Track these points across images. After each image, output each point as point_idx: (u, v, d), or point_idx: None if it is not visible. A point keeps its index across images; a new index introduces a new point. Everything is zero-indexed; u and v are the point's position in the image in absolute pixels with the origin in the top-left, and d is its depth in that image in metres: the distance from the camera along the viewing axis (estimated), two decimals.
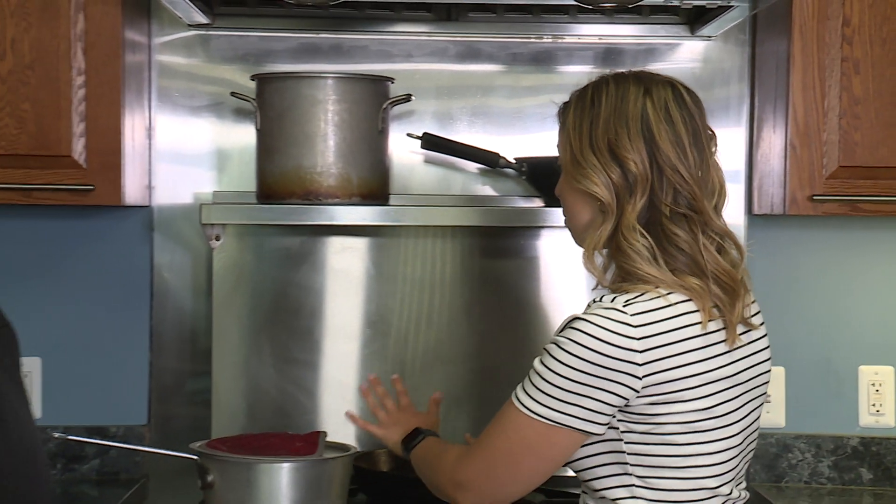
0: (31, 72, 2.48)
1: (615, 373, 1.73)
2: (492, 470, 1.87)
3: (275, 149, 2.57)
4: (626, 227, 1.78)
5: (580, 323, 1.75)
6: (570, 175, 1.86)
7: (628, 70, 1.90)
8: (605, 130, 1.80)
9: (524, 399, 1.79)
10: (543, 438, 1.79)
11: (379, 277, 2.81)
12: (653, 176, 1.79)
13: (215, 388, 2.77)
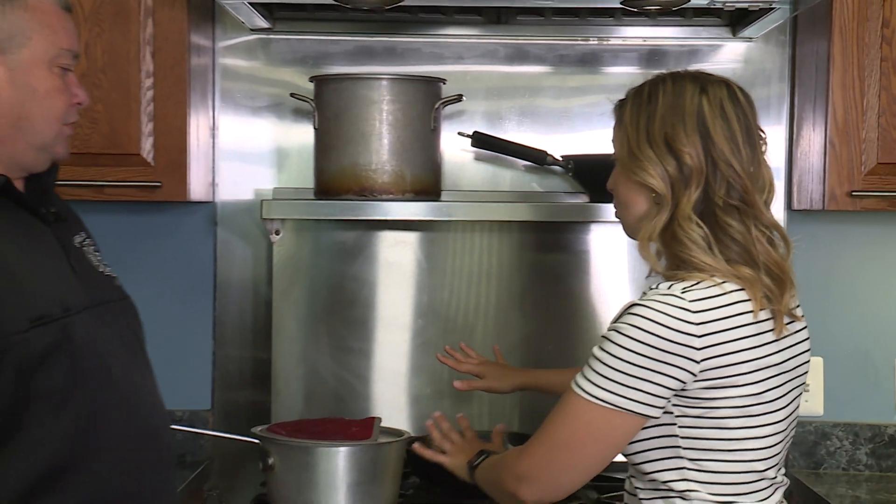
0: (104, 75, 2.51)
1: (675, 357, 1.72)
2: (554, 459, 1.84)
3: (332, 147, 2.58)
4: (682, 217, 1.78)
5: (640, 309, 1.75)
6: (626, 168, 1.85)
7: (684, 69, 1.90)
8: (661, 125, 1.80)
9: (586, 385, 1.77)
10: (605, 423, 1.77)
11: (430, 270, 2.82)
12: (707, 169, 1.78)
13: (275, 375, 2.79)
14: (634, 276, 2.80)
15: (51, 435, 1.67)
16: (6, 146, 1.77)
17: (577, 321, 2.82)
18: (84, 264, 1.87)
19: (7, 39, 1.74)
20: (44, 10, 1.78)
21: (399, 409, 2.79)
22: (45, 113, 1.79)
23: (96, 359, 1.75)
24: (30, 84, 1.76)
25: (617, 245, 2.81)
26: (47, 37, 1.77)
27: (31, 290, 1.69)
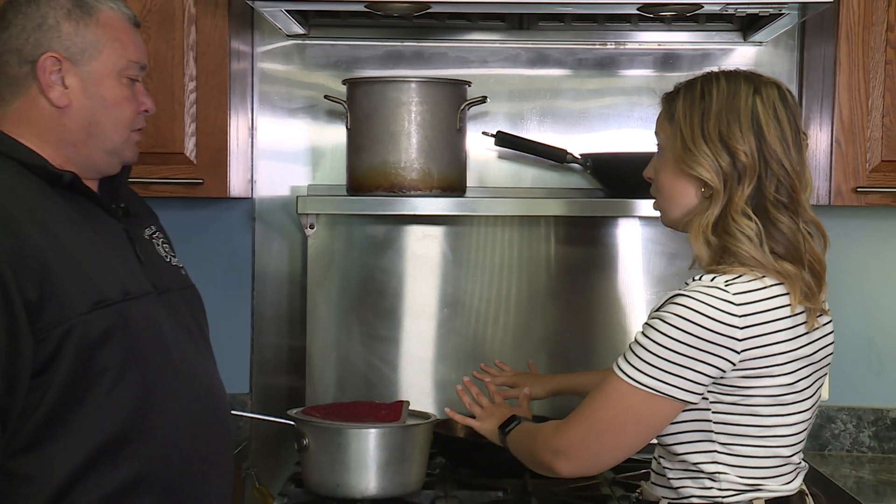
0: (150, 79, 2.49)
1: (717, 346, 1.72)
2: (594, 438, 1.82)
3: (363, 146, 2.59)
4: (734, 211, 1.77)
5: (684, 299, 1.74)
6: (679, 160, 1.82)
7: (734, 69, 1.88)
8: (717, 122, 1.78)
9: (629, 370, 1.76)
10: (647, 408, 1.76)
11: (456, 263, 2.82)
12: (760, 167, 1.77)
13: (309, 361, 2.80)
14: (650, 268, 2.80)
15: (108, 410, 1.71)
16: (80, 150, 1.82)
17: (596, 311, 2.82)
18: (151, 255, 1.91)
19: (80, 53, 1.79)
20: (114, 26, 1.83)
21: (425, 394, 2.79)
22: (115, 120, 1.84)
23: (154, 340, 1.79)
24: (100, 94, 1.81)
25: (634, 239, 2.82)
26: (116, 50, 1.83)
27: (93, 276, 1.73)
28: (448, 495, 2.39)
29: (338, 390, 2.79)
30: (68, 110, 1.80)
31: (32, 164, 1.77)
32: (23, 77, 1.79)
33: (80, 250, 1.74)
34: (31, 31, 1.78)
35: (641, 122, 2.81)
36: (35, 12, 1.79)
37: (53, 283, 1.67)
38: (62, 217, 1.76)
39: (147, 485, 1.76)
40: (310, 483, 2.33)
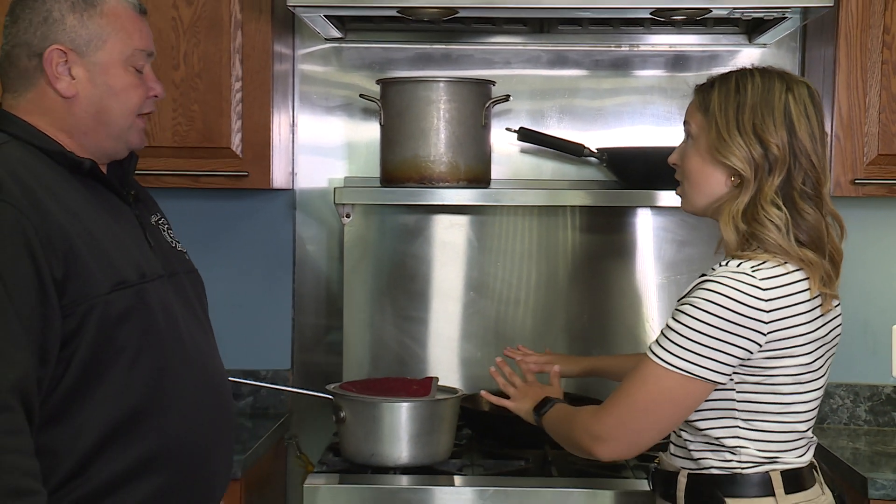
0: (199, 79, 2.53)
1: (745, 329, 1.72)
2: (631, 421, 1.80)
3: (395, 141, 2.59)
4: (764, 200, 1.76)
5: (713, 285, 1.73)
6: (712, 148, 1.80)
7: (767, 66, 1.86)
8: (751, 115, 1.76)
9: (663, 354, 1.75)
10: (681, 390, 1.75)
11: (481, 249, 2.82)
12: (790, 159, 1.76)
13: (346, 339, 2.81)
14: (661, 254, 2.80)
15: (127, 385, 1.69)
16: (89, 137, 1.78)
17: (611, 294, 2.82)
18: (159, 240, 1.88)
19: (85, 44, 1.74)
20: (118, 15, 1.78)
21: (452, 370, 2.80)
22: (122, 107, 1.79)
23: (167, 321, 1.76)
24: (107, 82, 1.76)
25: (646, 227, 2.81)
26: (122, 39, 1.77)
27: (112, 258, 1.70)
28: (474, 464, 2.39)
29: (372, 367, 2.80)
30: (76, 100, 1.76)
31: (52, 150, 1.73)
32: (32, 69, 1.75)
33: (101, 232, 1.71)
34: (37, 25, 1.74)
35: (654, 118, 2.81)
36: (41, 6, 1.74)
37: (77, 263, 1.64)
38: (82, 200, 1.72)
39: (162, 461, 1.73)
40: (346, 452, 2.34)
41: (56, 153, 1.74)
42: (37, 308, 1.60)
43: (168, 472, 1.74)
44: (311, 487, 2.24)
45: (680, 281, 2.79)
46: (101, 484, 1.68)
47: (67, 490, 1.66)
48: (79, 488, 1.67)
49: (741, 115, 1.77)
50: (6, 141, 1.73)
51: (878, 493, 2.26)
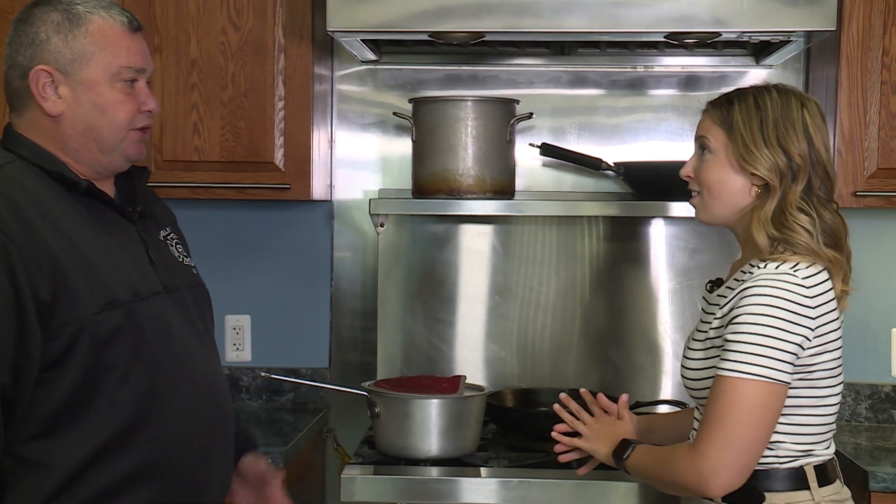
0: (246, 99, 2.54)
1: (799, 327, 1.69)
2: (734, 442, 1.68)
3: (426, 156, 2.59)
4: (790, 207, 1.75)
5: (761, 289, 1.70)
6: (739, 159, 1.78)
7: (778, 84, 1.86)
8: (774, 128, 1.76)
9: (741, 367, 1.68)
10: (769, 395, 1.68)
11: (505, 256, 2.81)
12: (810, 169, 1.76)
13: (380, 340, 2.81)
14: (674, 261, 2.79)
15: (117, 403, 1.62)
16: (82, 153, 1.71)
17: (627, 299, 2.81)
18: (164, 255, 1.80)
19: (69, 63, 1.67)
20: (103, 34, 1.69)
21: (478, 369, 2.79)
22: (109, 123, 1.70)
23: (160, 338, 1.69)
24: (92, 100, 1.69)
25: (660, 236, 2.80)
26: (106, 57, 1.69)
27: (104, 278, 1.63)
28: (499, 457, 2.39)
29: (404, 365, 2.79)
30: (63, 118, 1.68)
31: (52, 170, 1.67)
32: (24, 90, 1.68)
33: (94, 253, 1.63)
34: (26, 47, 1.68)
35: (667, 135, 2.81)
36: (29, 28, 1.68)
37: (66, 285, 1.58)
38: (78, 220, 1.65)
39: (154, 472, 1.67)
40: (380, 445, 2.34)
41: (56, 173, 1.67)
42: (12, 329, 1.54)
43: (160, 483, 1.68)
44: (347, 478, 2.24)
45: (692, 286, 2.78)
46: (92, 494, 1.62)
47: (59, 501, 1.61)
48: (70, 499, 1.61)
49: (765, 128, 1.77)
50: (10, 161, 1.68)
51: (878, 485, 2.25)
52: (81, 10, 1.69)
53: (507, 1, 2.31)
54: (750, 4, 2.29)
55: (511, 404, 2.68)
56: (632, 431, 2.03)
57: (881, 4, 2.48)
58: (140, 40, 1.75)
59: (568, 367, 2.81)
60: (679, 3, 2.30)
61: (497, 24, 2.33)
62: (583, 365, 2.81)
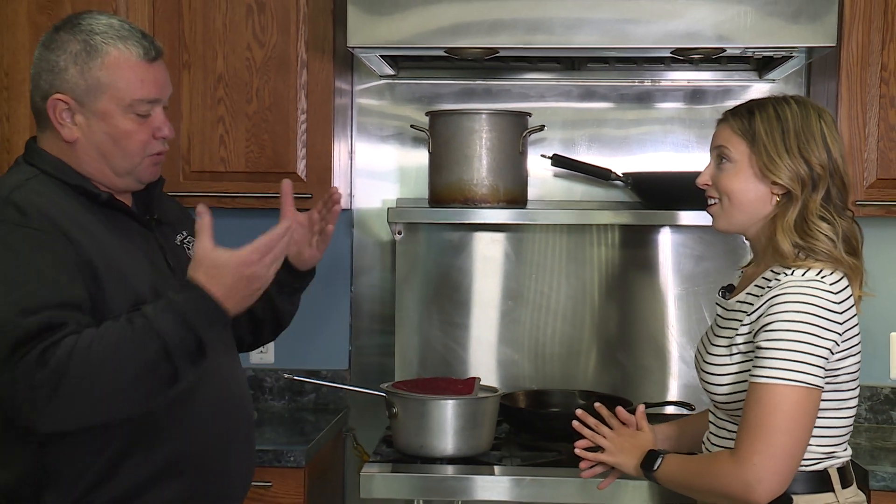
0: (270, 112, 2.55)
1: (830, 332, 1.67)
2: (778, 449, 1.63)
3: (442, 166, 2.60)
4: (811, 215, 1.73)
5: (791, 296, 1.67)
6: (762, 168, 1.75)
7: (797, 95, 1.84)
8: (796, 138, 1.74)
9: (779, 373, 1.64)
10: (805, 401, 1.64)
11: (518, 263, 2.81)
12: (828, 178, 1.75)
13: (398, 343, 2.80)
14: (680, 268, 2.79)
15: None
16: (97, 175, 1.72)
17: (634, 303, 2.80)
18: (181, 260, 1.79)
19: (85, 94, 1.68)
20: (118, 66, 1.69)
21: (492, 371, 2.79)
22: (122, 151, 1.71)
23: None
24: (104, 130, 1.69)
25: (666, 243, 2.80)
26: (122, 89, 1.69)
27: (131, 281, 1.66)
28: (512, 455, 2.39)
29: (420, 367, 2.80)
30: (78, 143, 1.70)
31: (75, 184, 1.69)
32: (44, 112, 1.70)
33: (120, 258, 1.66)
34: (46, 73, 1.69)
35: (673, 146, 2.81)
36: (51, 55, 1.69)
37: (100, 286, 1.61)
38: (103, 229, 1.67)
39: (182, 467, 1.69)
40: (398, 444, 2.35)
41: (76, 187, 1.69)
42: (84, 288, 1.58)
43: (189, 478, 1.70)
44: (366, 475, 2.24)
45: (698, 292, 2.78)
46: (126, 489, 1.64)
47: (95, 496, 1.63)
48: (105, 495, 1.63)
49: (787, 138, 1.75)
50: (34, 175, 1.69)
51: (878, 484, 2.25)
52: (99, 40, 1.69)
53: (519, 18, 2.32)
54: (753, 21, 2.29)
55: (523, 405, 2.68)
56: (653, 441, 1.97)
57: (880, 22, 2.48)
58: (157, 69, 1.74)
59: (578, 369, 2.81)
60: (685, 20, 2.30)
61: (510, 40, 2.34)
62: (592, 367, 2.81)
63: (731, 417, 1.79)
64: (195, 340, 1.56)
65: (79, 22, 1.71)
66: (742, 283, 1.86)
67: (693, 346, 2.78)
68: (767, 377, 1.65)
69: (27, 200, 1.62)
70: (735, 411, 1.76)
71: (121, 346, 1.53)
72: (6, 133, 2.57)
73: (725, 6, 2.29)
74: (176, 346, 1.54)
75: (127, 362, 1.53)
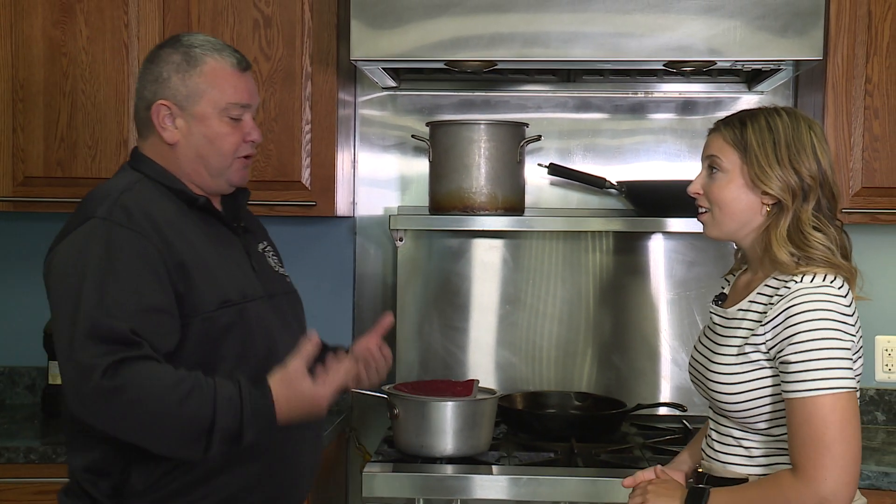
0: (275, 123, 2.56)
1: (849, 335, 1.64)
2: (844, 459, 1.57)
3: (442, 175, 2.60)
4: (804, 224, 1.70)
5: (805, 304, 1.63)
6: (754, 178, 1.73)
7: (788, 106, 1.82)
8: (787, 149, 1.71)
9: (821, 384, 1.59)
10: (851, 406, 1.60)
11: (515, 268, 2.81)
12: (819, 187, 1.72)
13: (399, 346, 2.78)
14: (672, 273, 2.79)
15: None
16: (194, 176, 1.82)
17: (629, 308, 2.81)
18: (263, 265, 1.90)
19: (185, 99, 1.79)
20: (216, 73, 1.80)
21: (490, 373, 2.79)
22: (217, 151, 1.81)
23: (264, 336, 1.78)
24: (202, 132, 1.80)
25: (659, 250, 2.80)
26: (217, 94, 1.80)
27: (220, 281, 1.74)
28: (510, 455, 2.39)
29: (421, 370, 2.80)
30: (178, 146, 1.80)
31: (174, 188, 1.80)
32: (147, 119, 1.81)
33: (210, 258, 1.75)
34: (150, 83, 1.81)
35: (666, 155, 2.81)
36: (155, 68, 1.81)
37: (191, 284, 1.70)
38: (197, 230, 1.77)
39: (258, 451, 1.74)
40: (399, 444, 2.35)
41: (178, 191, 1.80)
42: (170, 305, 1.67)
43: (262, 463, 1.75)
44: (368, 474, 2.24)
45: (689, 296, 2.79)
46: (208, 469, 1.70)
47: (176, 474, 1.69)
48: (185, 475, 1.70)
49: (778, 149, 1.72)
50: (139, 180, 1.80)
51: (863, 483, 2.24)
52: (198, 52, 1.81)
53: (517, 32, 2.33)
54: (743, 35, 2.30)
55: (521, 406, 2.68)
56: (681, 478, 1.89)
57: (864, 36, 2.49)
58: (247, 78, 1.85)
59: (574, 371, 2.81)
60: (677, 33, 2.31)
61: (508, 53, 2.35)
62: (587, 370, 2.81)
63: (740, 425, 1.74)
64: (238, 432, 1.64)
65: (179, 39, 1.84)
66: (739, 291, 1.82)
67: (685, 349, 2.78)
68: (808, 390, 1.59)
69: (134, 202, 1.73)
70: (747, 420, 1.72)
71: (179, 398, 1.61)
72: (21, 143, 2.58)
73: (716, 21, 2.30)
74: (220, 427, 1.63)
75: (176, 413, 1.61)
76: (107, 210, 1.70)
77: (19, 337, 2.85)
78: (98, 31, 2.56)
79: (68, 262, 1.69)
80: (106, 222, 1.69)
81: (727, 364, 1.73)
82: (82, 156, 2.57)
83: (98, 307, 1.62)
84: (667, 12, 2.30)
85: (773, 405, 1.68)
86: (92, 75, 2.57)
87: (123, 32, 2.55)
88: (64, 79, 2.57)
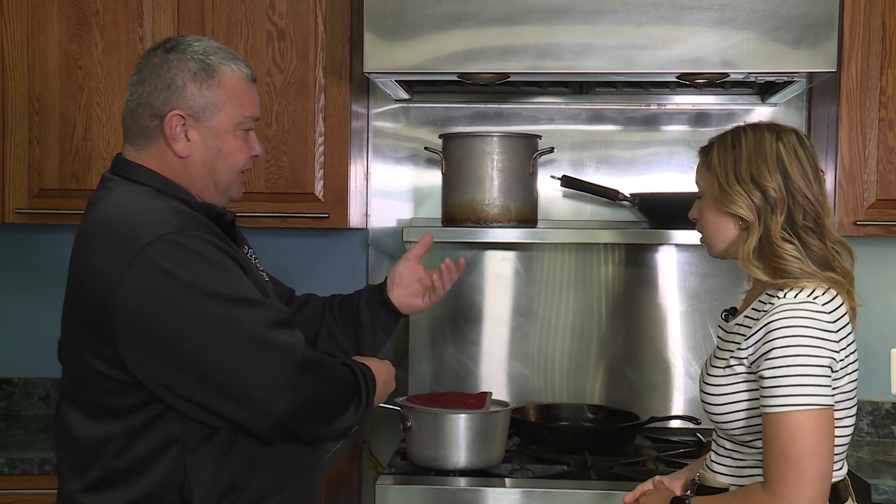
0: (289, 135, 2.56)
1: (828, 352, 1.61)
2: (811, 474, 1.57)
3: (455, 187, 2.59)
4: (775, 238, 1.68)
5: (785, 321, 1.62)
6: (717, 201, 1.73)
7: (759, 121, 1.80)
8: (747, 165, 1.70)
9: (793, 400, 1.58)
10: (821, 422, 1.58)
11: (528, 280, 2.81)
12: (788, 200, 1.69)
13: (411, 358, 2.80)
14: (685, 285, 2.78)
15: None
16: (203, 192, 1.74)
17: (641, 320, 2.80)
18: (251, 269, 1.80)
19: (202, 111, 1.70)
20: (233, 85, 1.72)
21: (503, 385, 2.78)
22: (229, 167, 1.74)
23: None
24: (218, 146, 1.72)
25: (672, 262, 2.79)
26: (234, 107, 1.72)
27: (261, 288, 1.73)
28: (523, 468, 2.39)
29: (434, 382, 2.79)
30: (191, 159, 1.70)
31: (196, 204, 1.71)
32: (153, 129, 1.69)
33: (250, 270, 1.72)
34: (161, 90, 1.69)
35: (679, 167, 2.80)
36: (166, 73, 1.69)
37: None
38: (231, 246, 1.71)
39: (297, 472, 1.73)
40: (412, 456, 2.34)
41: (200, 206, 1.71)
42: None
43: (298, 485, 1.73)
44: (381, 487, 2.24)
45: (703, 309, 2.77)
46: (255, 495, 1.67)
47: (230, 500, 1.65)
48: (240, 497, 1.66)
49: (738, 167, 1.71)
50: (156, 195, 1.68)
51: (881, 497, 2.23)
52: (215, 61, 1.72)
53: (530, 44, 2.33)
54: (756, 47, 2.29)
55: (534, 419, 2.67)
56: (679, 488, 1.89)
57: (878, 48, 2.47)
58: (255, 90, 1.80)
59: (586, 383, 2.80)
60: (690, 45, 2.31)
61: (521, 65, 2.34)
62: (600, 382, 2.80)
63: (730, 437, 1.75)
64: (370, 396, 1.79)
65: (188, 43, 1.73)
66: (743, 306, 1.82)
67: (698, 361, 2.77)
68: (780, 406, 1.59)
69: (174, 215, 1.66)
70: (732, 432, 1.72)
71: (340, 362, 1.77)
72: (37, 155, 2.59)
73: (729, 33, 2.29)
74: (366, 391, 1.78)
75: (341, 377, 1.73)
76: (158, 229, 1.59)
77: (34, 348, 2.85)
78: (113, 44, 2.57)
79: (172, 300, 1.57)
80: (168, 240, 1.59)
81: (717, 376, 1.74)
82: (97, 168, 2.57)
83: (249, 303, 1.61)
84: (680, 24, 2.30)
85: (755, 418, 1.68)
86: (107, 88, 2.58)
87: (139, 45, 2.55)
88: (79, 91, 2.58)
